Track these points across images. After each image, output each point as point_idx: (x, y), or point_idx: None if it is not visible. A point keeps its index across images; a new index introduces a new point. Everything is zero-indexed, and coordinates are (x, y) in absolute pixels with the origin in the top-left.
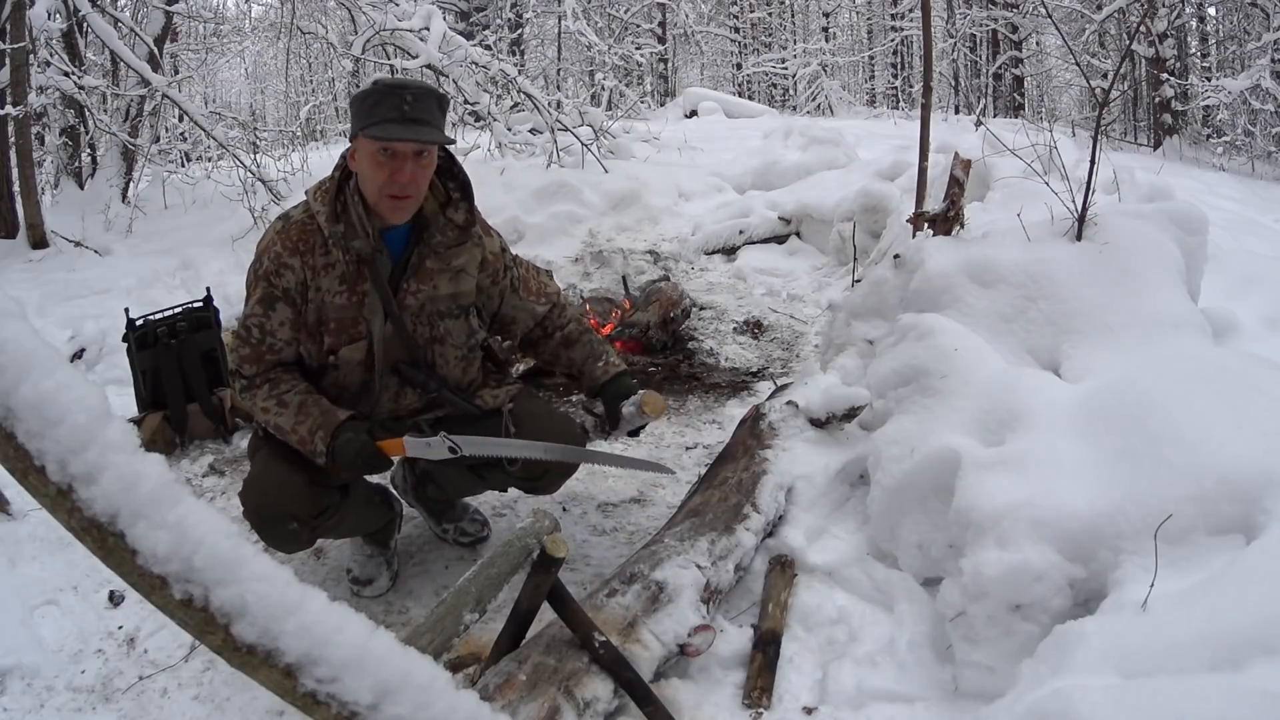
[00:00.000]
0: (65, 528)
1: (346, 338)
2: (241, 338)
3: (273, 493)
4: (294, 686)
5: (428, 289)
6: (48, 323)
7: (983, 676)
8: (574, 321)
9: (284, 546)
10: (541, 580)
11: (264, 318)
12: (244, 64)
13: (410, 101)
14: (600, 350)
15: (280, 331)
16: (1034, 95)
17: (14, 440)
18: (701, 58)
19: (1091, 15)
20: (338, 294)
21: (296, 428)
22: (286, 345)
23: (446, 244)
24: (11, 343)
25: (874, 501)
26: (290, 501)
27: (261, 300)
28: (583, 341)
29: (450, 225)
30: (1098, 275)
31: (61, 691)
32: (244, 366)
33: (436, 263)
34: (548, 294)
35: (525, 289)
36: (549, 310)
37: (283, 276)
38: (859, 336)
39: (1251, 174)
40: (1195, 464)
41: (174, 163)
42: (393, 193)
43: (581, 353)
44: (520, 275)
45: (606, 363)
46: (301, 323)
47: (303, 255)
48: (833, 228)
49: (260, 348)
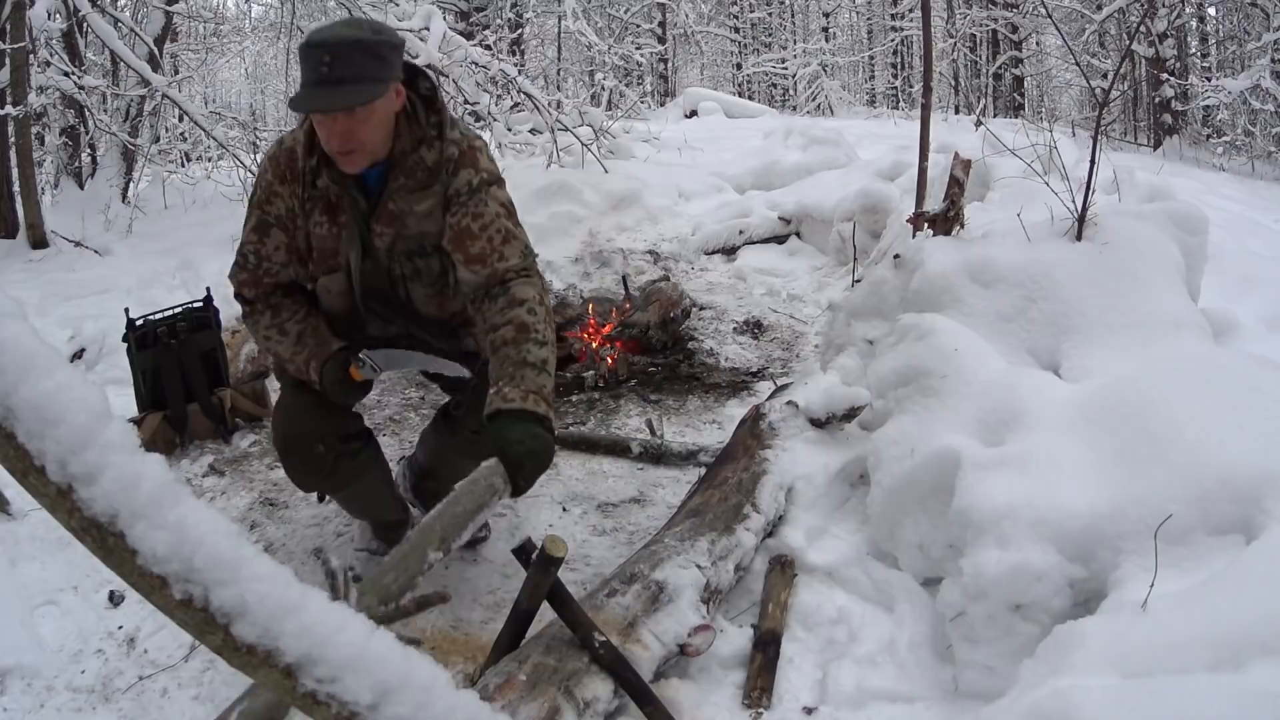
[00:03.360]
0: (65, 528)
1: (326, 267)
2: (240, 263)
3: (302, 416)
4: (294, 686)
5: (393, 230)
6: (48, 323)
7: (983, 676)
8: (511, 325)
9: (308, 473)
10: (541, 580)
11: (259, 244)
12: (244, 64)
13: (328, 62)
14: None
15: (276, 256)
16: (1034, 95)
17: (14, 440)
18: (701, 58)
19: (1091, 15)
20: (319, 224)
21: (294, 357)
22: (283, 268)
23: (411, 187)
24: (11, 343)
25: (874, 501)
26: (318, 424)
27: (256, 228)
28: (501, 354)
29: (420, 167)
30: (1098, 275)
31: (61, 691)
32: (244, 290)
33: (400, 204)
34: (488, 264)
35: (457, 242)
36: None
37: (273, 204)
38: (859, 336)
39: (1251, 174)
40: (1195, 464)
41: (174, 163)
42: (336, 150)
43: (494, 368)
44: (460, 224)
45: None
46: (294, 246)
47: (290, 184)
48: (833, 228)
49: (258, 273)
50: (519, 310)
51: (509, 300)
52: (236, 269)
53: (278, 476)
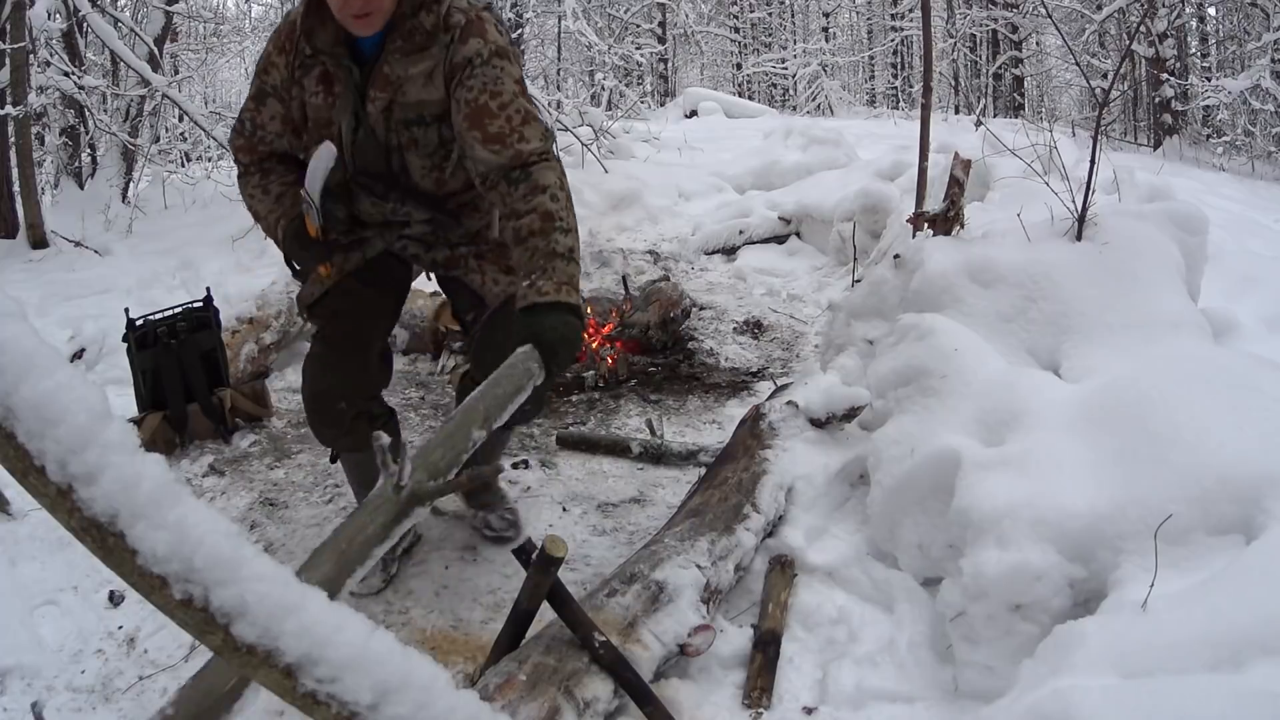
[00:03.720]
0: (65, 528)
1: (319, 137)
2: (237, 129)
3: (328, 372)
4: (294, 686)
5: (388, 95)
6: (48, 323)
7: (983, 676)
8: (536, 214)
9: (326, 426)
10: (541, 580)
11: (255, 112)
12: (244, 64)
13: None
14: (540, 265)
15: (270, 125)
16: (1034, 95)
17: (14, 440)
18: (701, 58)
19: (1091, 15)
20: (315, 93)
21: (268, 215)
22: (277, 138)
23: (407, 50)
24: (11, 343)
25: (874, 501)
26: (342, 380)
27: (254, 96)
28: (529, 245)
29: (418, 30)
30: (1098, 275)
31: (61, 691)
32: (240, 156)
33: (396, 68)
34: (510, 146)
35: (473, 119)
36: (504, 171)
37: (270, 74)
38: (859, 336)
39: (1251, 174)
40: (1195, 464)
41: (174, 163)
42: (352, 12)
43: (522, 258)
44: (475, 100)
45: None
46: (289, 117)
47: (287, 54)
48: (833, 228)
49: (252, 139)
50: (542, 197)
51: (531, 186)
52: (234, 134)
53: (278, 476)
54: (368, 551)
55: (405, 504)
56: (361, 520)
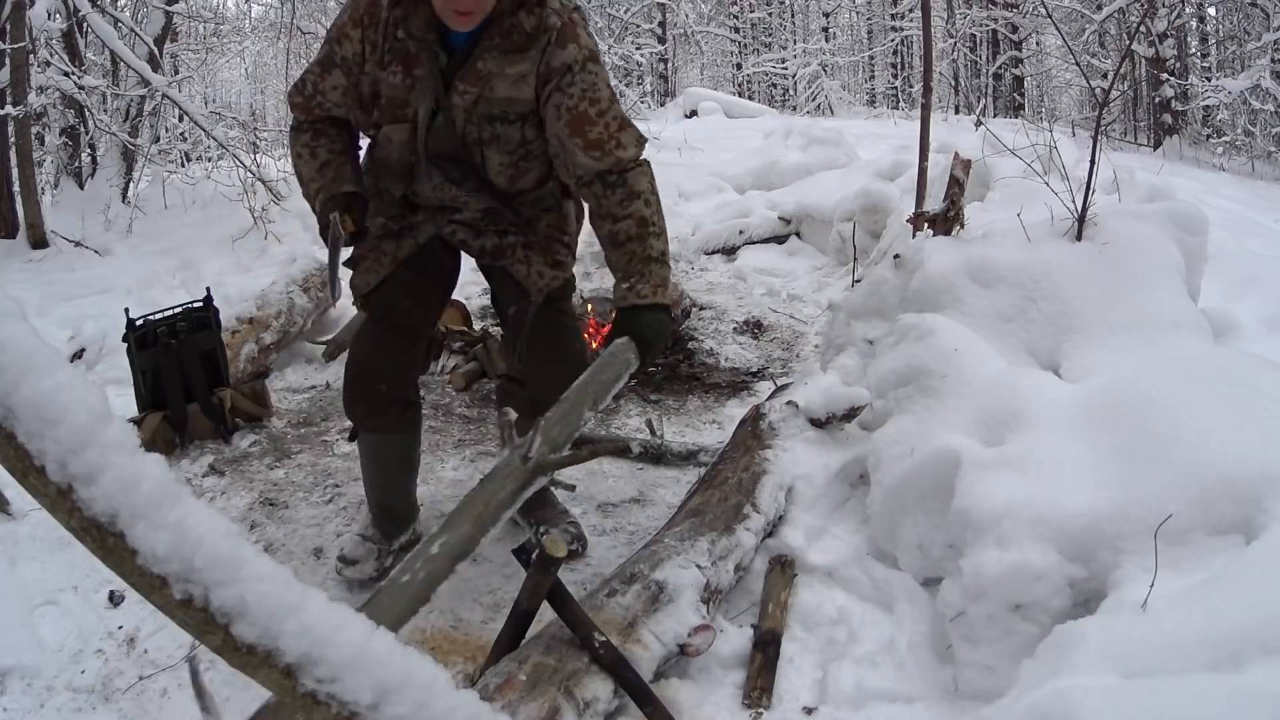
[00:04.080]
0: (65, 528)
1: (391, 117)
2: (299, 86)
3: (377, 353)
4: (294, 686)
5: (477, 90)
6: (48, 323)
7: (983, 676)
8: (632, 219)
9: (360, 403)
10: (541, 580)
11: (319, 78)
12: (244, 64)
13: None
14: (637, 269)
15: (331, 94)
16: (1034, 95)
17: (14, 440)
18: (701, 58)
19: (1091, 15)
20: (394, 73)
21: (310, 181)
22: (335, 107)
23: (505, 49)
24: (11, 343)
25: (874, 501)
26: (387, 364)
27: (321, 62)
28: (626, 249)
29: (517, 30)
30: (1098, 275)
31: (61, 691)
32: (296, 112)
33: (490, 65)
34: (610, 153)
35: (574, 126)
36: (601, 175)
37: (342, 45)
38: (859, 336)
39: (1251, 174)
40: (1195, 464)
41: (174, 163)
42: (456, 9)
43: (620, 260)
44: (576, 108)
45: (631, 287)
46: (354, 92)
47: (364, 29)
48: (833, 228)
49: (310, 101)
50: (638, 203)
51: (627, 192)
52: (295, 91)
53: (278, 476)
54: (500, 515)
55: (531, 473)
56: (494, 487)
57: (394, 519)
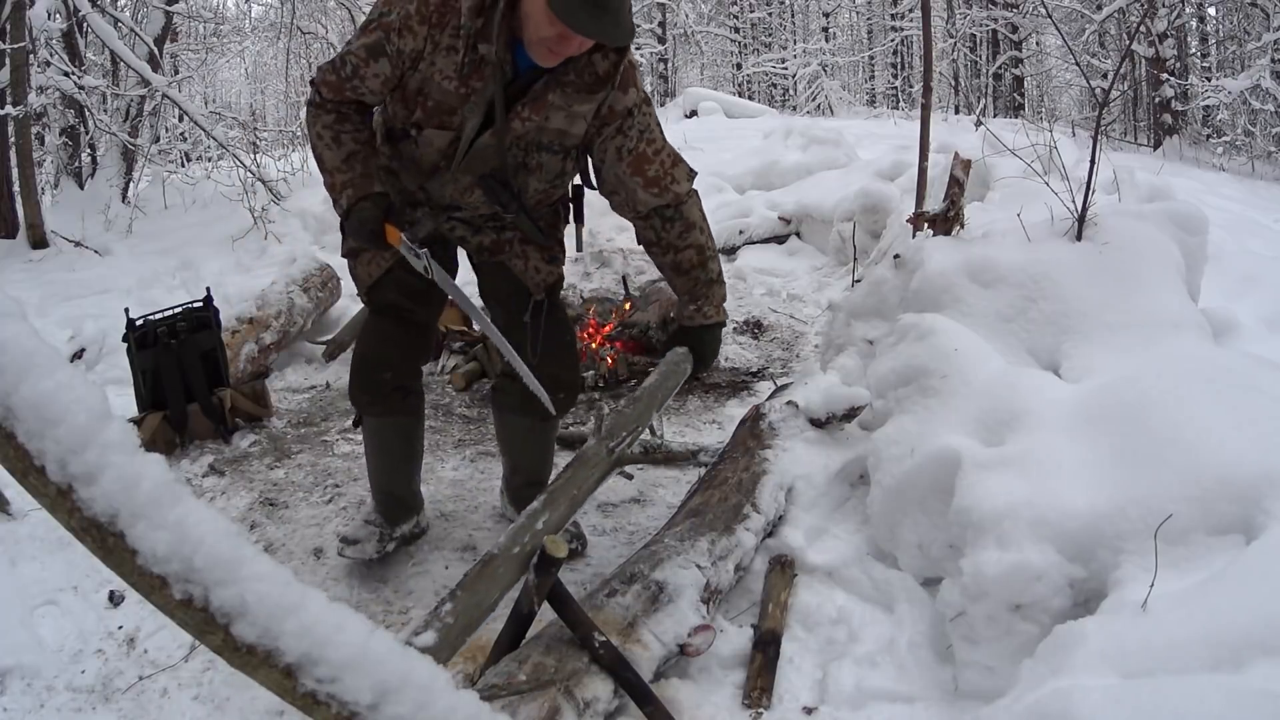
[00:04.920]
0: (65, 528)
1: (437, 121)
2: (335, 66)
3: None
4: (294, 686)
5: (538, 120)
6: (48, 323)
7: (983, 676)
8: (692, 249)
9: (364, 391)
10: (541, 580)
11: (363, 63)
12: (244, 64)
13: None
14: (702, 293)
15: (371, 82)
16: (1034, 95)
17: (14, 440)
18: (701, 58)
19: (1091, 15)
20: (448, 78)
21: (335, 172)
22: (370, 94)
23: (578, 86)
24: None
25: (874, 501)
26: (393, 354)
27: (370, 47)
28: (691, 275)
29: (590, 69)
30: (1098, 275)
31: (61, 691)
32: (324, 90)
33: (559, 98)
34: (667, 189)
35: (635, 167)
36: (659, 209)
37: (404, 38)
38: (859, 336)
39: (1251, 174)
40: (1195, 464)
41: (174, 163)
42: (552, 49)
43: (685, 285)
44: (636, 149)
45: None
46: (397, 85)
47: (431, 27)
48: (833, 228)
49: (345, 84)
50: (695, 233)
51: (685, 224)
52: (328, 69)
53: (278, 476)
54: (585, 498)
55: (613, 463)
56: (584, 474)
57: (398, 506)
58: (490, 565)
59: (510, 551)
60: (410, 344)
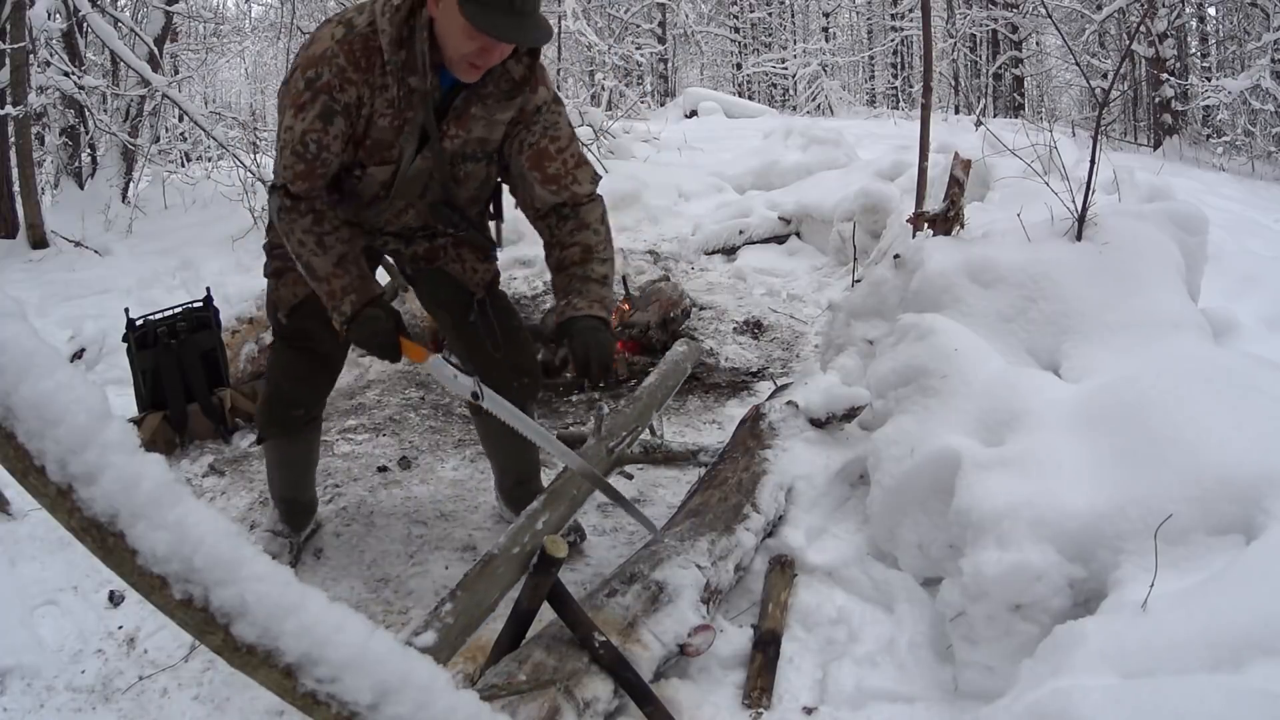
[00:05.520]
0: (65, 528)
1: (378, 158)
2: (298, 153)
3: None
4: (294, 686)
5: (465, 133)
6: (48, 323)
7: (983, 676)
8: (578, 246)
9: (275, 425)
10: (541, 580)
11: (323, 133)
12: (244, 64)
13: None
14: (577, 287)
15: (334, 146)
16: (1034, 95)
17: (14, 440)
18: (701, 58)
19: (1091, 15)
20: (384, 115)
21: (331, 278)
22: (335, 159)
23: (497, 96)
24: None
25: (874, 501)
26: (307, 393)
27: (321, 115)
28: (568, 272)
29: (506, 77)
30: (1098, 275)
31: (61, 691)
32: (296, 184)
33: (480, 110)
34: (566, 188)
35: (534, 162)
36: (556, 208)
37: (345, 91)
38: (859, 336)
39: (1251, 174)
40: (1195, 464)
41: (174, 163)
42: (475, 63)
43: (561, 282)
44: (537, 145)
45: (568, 302)
46: (352, 135)
47: (364, 72)
48: (833, 228)
49: (315, 164)
50: (586, 233)
51: (578, 223)
52: (294, 159)
53: None
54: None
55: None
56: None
57: (300, 511)
58: (490, 565)
59: (510, 551)
60: (321, 377)
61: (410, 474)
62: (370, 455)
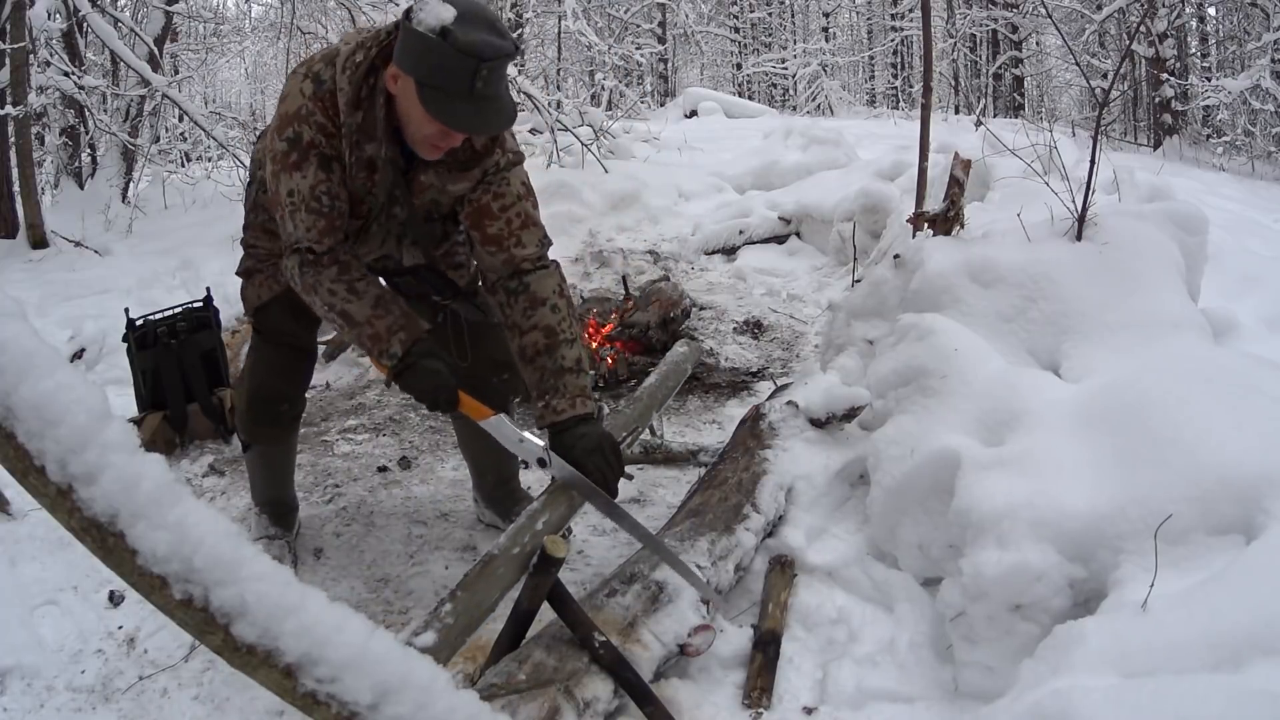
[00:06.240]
0: (65, 528)
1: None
2: (314, 210)
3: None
4: (294, 686)
5: (418, 200)
6: (48, 323)
7: (983, 676)
8: (539, 330)
9: (262, 424)
10: (541, 580)
11: (329, 182)
12: (244, 64)
13: (484, 76)
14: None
15: (342, 193)
16: (1034, 95)
17: (14, 440)
18: (701, 58)
19: (1091, 15)
20: (358, 174)
21: (373, 321)
22: (346, 204)
23: (455, 165)
24: (11, 343)
25: (874, 501)
26: (290, 386)
27: (320, 165)
28: (536, 364)
29: (467, 147)
30: (1098, 275)
31: (61, 691)
32: (320, 241)
33: (434, 179)
34: (505, 249)
35: (475, 219)
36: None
37: (329, 141)
38: (859, 336)
39: (1251, 174)
40: (1195, 464)
41: (174, 163)
42: (436, 144)
43: (532, 378)
44: (480, 201)
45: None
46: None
47: (334, 123)
48: (833, 228)
49: (333, 215)
50: (543, 310)
51: (530, 299)
52: (312, 218)
53: None
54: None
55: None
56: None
57: (287, 511)
58: (490, 565)
59: (510, 551)
60: (300, 372)
61: (410, 474)
62: (370, 455)
